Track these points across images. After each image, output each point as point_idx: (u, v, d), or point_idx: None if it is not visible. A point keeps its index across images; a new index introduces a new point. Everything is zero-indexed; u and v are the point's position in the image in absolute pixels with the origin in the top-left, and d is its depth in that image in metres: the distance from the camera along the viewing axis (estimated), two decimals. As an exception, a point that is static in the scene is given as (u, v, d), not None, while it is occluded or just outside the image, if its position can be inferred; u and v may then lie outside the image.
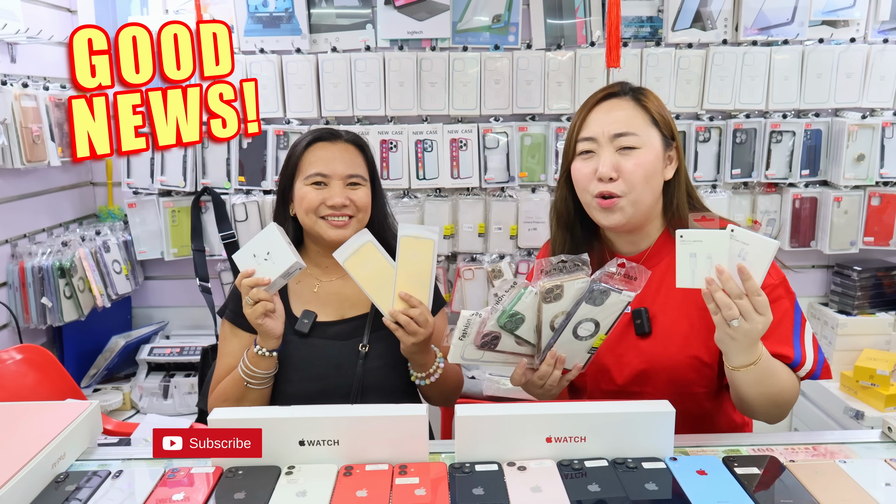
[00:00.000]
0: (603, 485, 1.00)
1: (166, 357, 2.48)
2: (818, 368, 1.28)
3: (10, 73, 2.19)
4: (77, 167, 2.59)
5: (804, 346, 1.28)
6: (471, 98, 2.57)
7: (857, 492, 0.99)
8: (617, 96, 1.35)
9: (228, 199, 2.60)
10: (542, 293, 1.16)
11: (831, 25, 2.54)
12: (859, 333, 2.54)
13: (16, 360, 1.79)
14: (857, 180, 2.54)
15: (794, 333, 1.29)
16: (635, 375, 1.35)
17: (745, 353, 1.16)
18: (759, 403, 1.23)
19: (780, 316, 1.27)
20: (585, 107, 1.36)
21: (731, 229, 1.12)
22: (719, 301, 1.11)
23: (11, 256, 2.25)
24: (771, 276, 1.30)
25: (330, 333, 1.49)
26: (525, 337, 1.22)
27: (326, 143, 1.54)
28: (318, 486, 1.01)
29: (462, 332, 1.20)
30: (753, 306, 1.10)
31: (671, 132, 1.35)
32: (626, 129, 1.30)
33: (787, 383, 1.24)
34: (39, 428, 1.11)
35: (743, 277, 1.10)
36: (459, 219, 2.63)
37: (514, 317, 1.18)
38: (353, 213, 1.49)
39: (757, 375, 1.18)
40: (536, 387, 1.25)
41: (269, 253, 1.37)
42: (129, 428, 1.95)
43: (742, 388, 1.21)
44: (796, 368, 1.27)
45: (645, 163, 1.29)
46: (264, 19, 2.54)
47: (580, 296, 1.17)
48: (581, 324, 1.18)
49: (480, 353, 1.22)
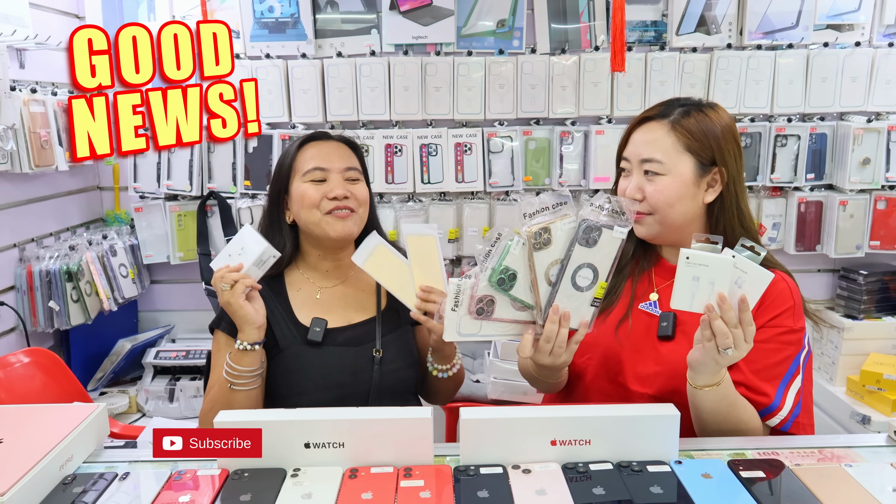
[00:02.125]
0: (608, 488, 1.00)
1: (172, 360, 2.49)
2: (789, 421, 1.29)
3: (19, 79, 2.21)
4: (84, 172, 2.60)
5: (787, 395, 1.29)
6: (475, 102, 2.57)
7: (864, 496, 0.99)
8: (654, 119, 1.37)
9: (234, 203, 2.61)
10: (531, 238, 1.13)
11: (836, 29, 2.54)
12: (865, 338, 2.53)
13: (23, 363, 1.80)
14: (862, 184, 2.54)
15: (784, 380, 1.30)
16: (646, 376, 1.35)
17: (713, 374, 1.19)
18: (713, 431, 1.24)
19: (780, 358, 1.29)
20: (630, 126, 1.42)
21: (733, 255, 1.12)
22: (717, 329, 1.12)
23: (19, 260, 2.26)
24: (794, 319, 1.32)
25: (341, 340, 1.47)
26: (522, 297, 1.18)
27: (319, 141, 1.54)
28: (324, 489, 1.01)
29: (454, 301, 1.16)
30: (745, 336, 1.12)
31: (711, 157, 1.33)
32: (651, 155, 1.34)
33: (747, 422, 1.25)
34: (47, 430, 1.11)
35: (741, 308, 1.11)
36: (464, 223, 2.64)
37: (507, 272, 1.14)
38: (355, 206, 1.48)
39: (718, 398, 1.20)
40: (545, 354, 1.22)
41: (243, 248, 1.38)
42: (136, 431, 1.96)
43: (701, 410, 1.23)
44: (770, 414, 1.28)
45: (666, 189, 1.33)
46: (270, 24, 2.56)
47: (571, 237, 1.13)
48: (578, 271, 1.15)
49: (478, 324, 1.18)
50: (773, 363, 1.29)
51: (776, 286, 1.30)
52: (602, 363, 1.40)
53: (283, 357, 1.46)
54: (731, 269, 1.11)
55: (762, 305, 1.27)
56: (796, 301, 1.33)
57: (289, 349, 1.45)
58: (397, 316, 1.54)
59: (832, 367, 2.58)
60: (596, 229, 1.13)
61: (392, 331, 1.51)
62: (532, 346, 1.23)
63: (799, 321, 1.32)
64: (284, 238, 1.52)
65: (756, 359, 1.27)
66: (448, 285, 1.18)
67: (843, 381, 2.53)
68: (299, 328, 1.46)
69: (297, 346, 1.44)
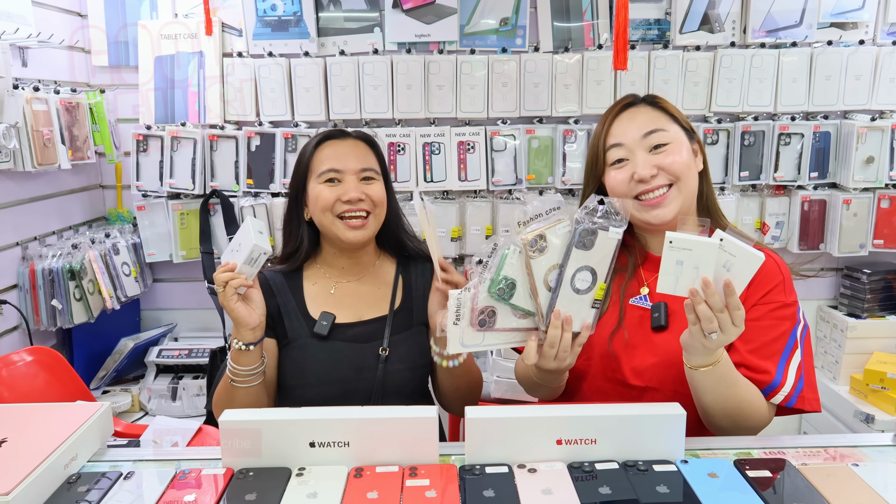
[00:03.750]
0: (614, 487, 1.00)
1: (175, 359, 2.48)
2: (793, 397, 1.28)
3: (22, 77, 2.21)
4: (87, 170, 2.60)
5: (787, 370, 1.28)
6: (478, 101, 2.57)
7: (870, 495, 0.99)
8: (634, 105, 1.40)
9: (237, 201, 2.61)
10: (527, 246, 1.12)
11: (840, 27, 2.54)
12: (869, 336, 2.53)
13: (26, 361, 1.80)
14: (866, 182, 2.53)
15: (783, 355, 1.29)
16: (646, 370, 1.35)
17: (706, 355, 1.18)
18: (718, 413, 1.24)
19: (776, 334, 1.29)
20: (606, 119, 1.41)
21: (721, 238, 1.10)
22: (701, 314, 1.11)
23: (22, 259, 2.26)
24: (785, 294, 1.31)
25: (349, 335, 1.47)
26: (522, 305, 1.17)
27: (336, 140, 1.53)
28: (329, 488, 1.01)
29: (455, 314, 1.15)
30: (732, 320, 1.11)
31: (690, 127, 1.40)
32: (655, 126, 1.34)
33: (751, 401, 1.24)
34: (52, 429, 1.11)
35: (727, 292, 1.10)
36: (467, 221, 2.63)
37: (506, 281, 1.13)
38: (370, 208, 1.47)
39: (715, 379, 1.19)
40: (550, 359, 1.22)
41: (241, 244, 1.36)
42: (139, 430, 1.95)
43: (700, 391, 1.22)
44: (773, 391, 1.27)
45: (679, 154, 1.34)
46: (273, 23, 2.55)
47: (567, 241, 1.12)
48: (577, 275, 1.14)
49: (481, 335, 1.17)
50: (769, 340, 1.28)
51: (764, 264, 1.30)
52: (599, 363, 1.40)
53: (290, 348, 1.47)
54: (716, 252, 1.09)
55: (751, 284, 1.27)
56: (785, 276, 1.34)
57: (296, 341, 1.47)
58: (410, 315, 1.53)
59: (836, 366, 2.58)
60: (591, 232, 1.12)
61: (403, 330, 1.50)
62: (536, 352, 1.23)
63: (791, 295, 1.32)
64: (303, 235, 1.52)
65: (752, 338, 1.28)
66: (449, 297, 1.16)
67: (846, 379, 2.53)
68: (308, 321, 1.47)
69: (304, 339, 1.45)
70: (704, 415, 1.27)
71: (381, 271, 1.55)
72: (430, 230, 1.31)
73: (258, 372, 1.38)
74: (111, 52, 2.60)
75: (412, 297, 1.54)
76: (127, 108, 2.62)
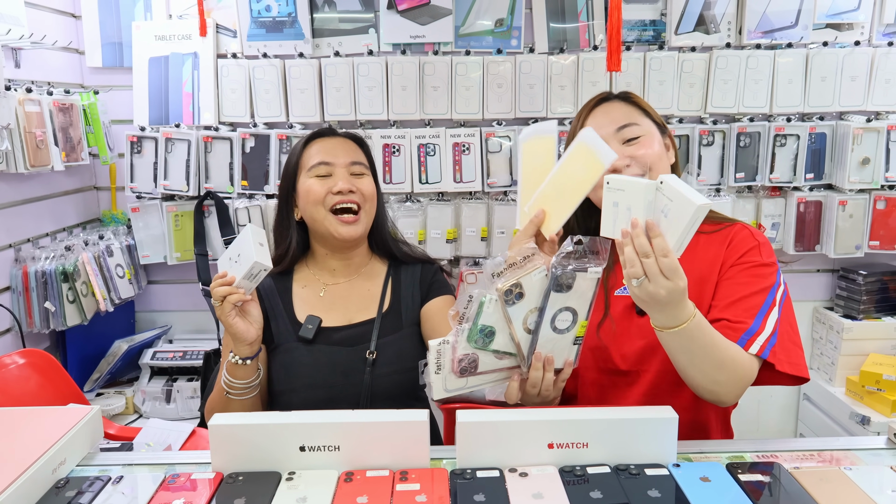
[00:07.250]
0: (605, 491, 0.99)
1: (169, 361, 2.48)
2: (772, 341, 1.23)
3: (15, 78, 2.20)
4: (80, 172, 2.59)
5: (766, 321, 1.25)
6: (473, 102, 2.56)
7: (863, 499, 0.98)
8: (608, 101, 1.45)
9: (231, 203, 2.60)
10: (502, 297, 1.10)
11: (835, 28, 2.53)
12: (865, 338, 2.52)
13: (19, 364, 1.79)
14: (862, 184, 2.53)
15: (762, 309, 1.26)
16: (634, 354, 1.35)
17: (664, 315, 1.11)
18: (692, 375, 1.19)
19: (755, 290, 1.27)
20: (582, 114, 1.45)
21: (661, 181, 1.06)
22: (626, 256, 1.07)
23: (15, 261, 2.25)
24: (762, 255, 1.32)
25: (335, 339, 1.46)
26: (503, 349, 1.16)
27: (325, 137, 1.54)
28: (319, 492, 1.01)
29: (436, 365, 1.14)
30: (660, 268, 1.04)
31: (662, 123, 1.45)
32: (628, 120, 1.38)
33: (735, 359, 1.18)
34: (40, 433, 1.11)
35: (651, 234, 1.04)
36: (462, 223, 2.63)
37: (484, 331, 1.12)
38: (360, 201, 1.46)
39: (683, 342, 1.13)
40: (533, 397, 1.22)
41: (240, 255, 1.33)
42: (132, 432, 1.94)
43: (671, 351, 1.18)
44: (751, 338, 1.22)
45: (651, 145, 1.37)
46: (267, 24, 2.55)
47: (544, 286, 1.10)
48: (557, 316, 1.12)
49: (464, 380, 1.17)
50: (747, 294, 1.26)
51: (738, 233, 1.34)
52: (591, 356, 1.40)
53: (277, 353, 1.46)
54: (649, 193, 1.05)
55: (728, 248, 1.32)
56: (762, 241, 1.34)
57: (283, 345, 1.45)
58: (399, 318, 1.52)
59: (831, 368, 2.58)
60: (569, 276, 1.09)
61: (392, 333, 1.49)
62: (519, 390, 1.21)
63: (769, 257, 1.32)
64: (292, 236, 1.51)
65: (729, 293, 1.28)
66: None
67: (842, 381, 2.53)
68: (295, 324, 1.46)
69: (290, 343, 1.44)
70: (684, 375, 1.23)
71: (373, 273, 1.54)
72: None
73: (255, 384, 1.37)
74: (105, 53, 2.59)
75: (401, 298, 1.53)
76: (121, 110, 2.61)
